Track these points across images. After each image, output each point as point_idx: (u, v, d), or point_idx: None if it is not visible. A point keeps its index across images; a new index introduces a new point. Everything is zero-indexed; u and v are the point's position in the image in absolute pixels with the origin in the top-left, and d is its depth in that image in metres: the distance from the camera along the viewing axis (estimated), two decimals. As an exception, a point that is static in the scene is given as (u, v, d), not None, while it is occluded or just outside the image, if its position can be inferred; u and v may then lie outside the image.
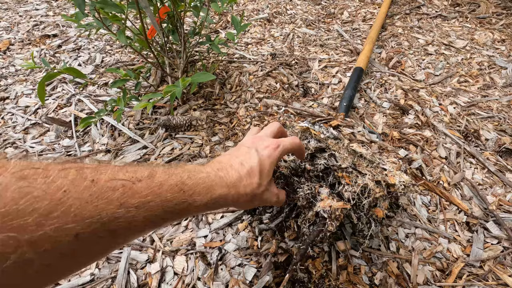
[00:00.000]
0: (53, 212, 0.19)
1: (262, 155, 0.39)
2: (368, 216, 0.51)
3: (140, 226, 0.25)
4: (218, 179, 0.33)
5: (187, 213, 0.30)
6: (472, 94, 1.15)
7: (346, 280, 0.64)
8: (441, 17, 1.67)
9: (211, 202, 0.32)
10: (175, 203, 0.28)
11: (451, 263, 0.67)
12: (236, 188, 0.35)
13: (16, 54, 1.33)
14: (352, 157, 0.54)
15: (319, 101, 1.10)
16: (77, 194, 0.20)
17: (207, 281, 0.64)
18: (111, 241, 0.24)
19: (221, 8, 0.91)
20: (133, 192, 0.24)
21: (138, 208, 0.24)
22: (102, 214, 0.21)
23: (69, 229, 0.19)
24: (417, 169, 0.83)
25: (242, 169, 0.36)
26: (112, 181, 0.23)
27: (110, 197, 0.22)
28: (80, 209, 0.20)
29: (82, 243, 0.21)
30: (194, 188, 0.30)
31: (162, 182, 0.27)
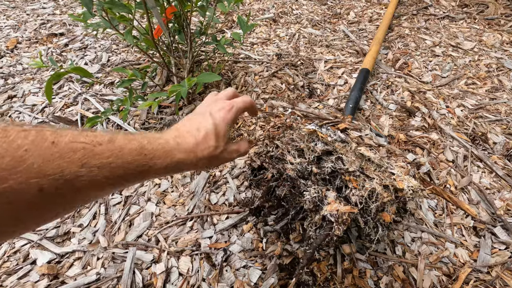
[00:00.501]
0: (16, 167, 0.20)
1: (217, 118, 0.40)
2: (375, 220, 0.51)
3: (102, 185, 0.27)
4: (176, 145, 0.35)
5: (148, 175, 0.32)
6: (480, 97, 1.14)
7: (351, 283, 0.64)
8: (448, 18, 1.66)
9: (170, 166, 0.34)
10: (136, 165, 0.29)
11: (458, 268, 0.66)
12: (194, 153, 0.37)
13: (23, 53, 1.34)
14: (360, 160, 0.54)
15: (324, 102, 1.09)
16: (38, 153, 0.22)
17: (212, 282, 0.64)
18: (75, 198, 0.25)
19: (227, 8, 0.91)
20: (94, 153, 0.25)
21: (100, 168, 0.25)
22: (64, 172, 0.23)
23: (33, 184, 0.21)
24: (425, 174, 0.82)
25: (199, 134, 0.38)
26: (72, 143, 0.24)
27: (71, 157, 0.24)
28: (43, 166, 0.22)
29: (46, 197, 0.22)
30: (153, 153, 0.31)
31: (122, 146, 0.28)
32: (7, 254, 0.68)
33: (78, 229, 0.74)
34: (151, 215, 0.76)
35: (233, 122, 0.43)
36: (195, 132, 0.38)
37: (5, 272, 0.65)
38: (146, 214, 0.76)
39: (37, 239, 0.70)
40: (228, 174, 0.85)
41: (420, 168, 0.77)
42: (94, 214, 0.77)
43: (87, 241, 0.71)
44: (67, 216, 0.75)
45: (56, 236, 0.72)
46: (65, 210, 0.26)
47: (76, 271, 0.66)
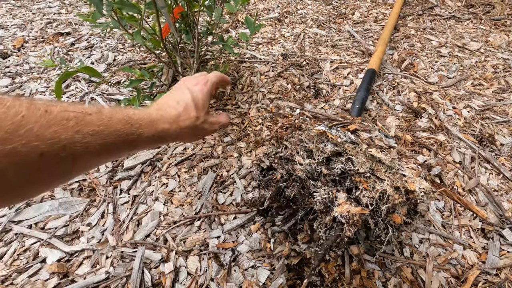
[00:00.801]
0: (17, 131, 0.22)
1: (194, 91, 0.44)
2: (385, 222, 0.51)
3: (98, 152, 0.28)
4: (159, 117, 0.38)
5: (137, 144, 0.34)
6: (486, 98, 1.13)
7: (360, 284, 0.64)
8: (454, 19, 1.65)
9: (157, 135, 0.37)
10: (125, 133, 0.31)
11: (467, 270, 0.66)
12: (177, 123, 0.40)
13: (30, 52, 1.35)
14: (370, 162, 0.54)
15: (330, 103, 1.09)
16: (35, 119, 0.23)
17: (220, 282, 0.64)
18: (72, 164, 0.27)
19: (235, 8, 0.91)
20: (86, 122, 0.27)
21: (93, 135, 0.27)
22: (61, 137, 0.25)
23: (35, 147, 0.23)
24: (435, 176, 0.82)
25: (179, 106, 0.41)
26: (64, 112, 0.26)
27: (65, 124, 0.25)
28: (41, 131, 0.23)
29: (46, 162, 0.24)
30: (139, 122, 0.34)
31: (110, 116, 0.30)
32: (17, 252, 0.69)
33: (86, 228, 0.74)
34: (159, 214, 0.77)
35: (210, 94, 0.46)
36: (176, 105, 0.41)
37: (15, 270, 0.66)
38: (154, 213, 0.76)
39: (46, 238, 0.71)
40: (235, 174, 0.85)
41: (431, 170, 0.76)
42: (102, 213, 0.77)
43: (96, 240, 0.72)
44: (76, 215, 0.76)
45: (65, 234, 0.73)
46: (63, 178, 0.28)
47: (86, 270, 0.66)
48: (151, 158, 0.89)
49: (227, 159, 0.89)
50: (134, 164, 0.87)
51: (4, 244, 0.70)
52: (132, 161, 0.88)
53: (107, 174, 0.85)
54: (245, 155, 0.90)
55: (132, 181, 0.83)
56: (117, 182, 0.84)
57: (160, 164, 0.88)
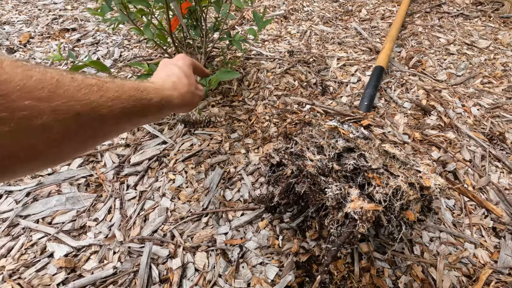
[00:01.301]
0: (56, 91, 0.24)
1: (179, 64, 0.49)
2: (398, 218, 0.50)
3: (118, 116, 0.31)
4: (160, 86, 0.41)
5: (149, 110, 0.37)
6: (496, 96, 1.12)
7: (369, 282, 0.63)
8: (462, 16, 1.63)
9: (163, 101, 0.40)
10: (138, 98, 0.34)
11: (478, 269, 0.65)
12: (177, 90, 0.44)
13: (36, 47, 1.34)
14: (384, 158, 0.53)
15: (338, 100, 1.08)
16: (67, 83, 0.25)
17: (228, 278, 0.64)
18: (100, 126, 0.29)
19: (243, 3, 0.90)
20: (106, 88, 0.29)
21: (114, 100, 0.30)
22: (91, 99, 0.27)
23: (72, 106, 0.25)
24: (449, 172, 0.80)
25: (172, 77, 0.45)
26: (87, 79, 0.28)
27: (91, 89, 0.28)
28: (75, 93, 0.26)
29: (82, 121, 0.26)
30: (147, 89, 0.37)
31: (122, 84, 0.33)
32: (25, 246, 0.69)
33: (93, 223, 0.74)
34: (166, 210, 0.76)
35: (191, 66, 0.51)
36: (168, 78, 0.45)
37: (23, 264, 0.65)
38: (161, 209, 0.76)
39: (53, 232, 0.71)
40: (242, 170, 0.84)
41: (446, 166, 0.75)
42: (109, 208, 0.77)
43: (103, 235, 0.72)
44: (83, 210, 0.76)
45: (72, 229, 0.72)
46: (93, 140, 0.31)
47: (93, 265, 0.66)
48: (157, 154, 0.88)
49: (235, 156, 0.89)
50: (141, 160, 0.87)
51: (12, 239, 0.70)
52: (138, 157, 0.87)
53: (114, 169, 0.85)
54: (253, 151, 0.90)
55: (139, 176, 0.83)
56: (124, 178, 0.83)
57: (167, 160, 0.87)
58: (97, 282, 0.63)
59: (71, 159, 0.75)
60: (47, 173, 0.83)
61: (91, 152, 0.89)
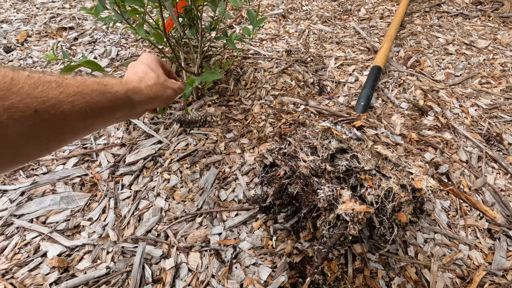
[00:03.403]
0: (11, 89, 0.24)
1: (143, 61, 0.50)
2: (390, 220, 0.50)
3: (81, 112, 0.31)
4: (126, 79, 0.42)
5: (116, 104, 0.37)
6: (494, 96, 1.11)
7: (362, 283, 0.63)
8: (462, 16, 1.62)
9: (130, 92, 0.40)
10: (101, 92, 0.34)
11: (472, 271, 0.65)
12: (143, 82, 0.44)
13: (33, 46, 1.34)
14: (376, 159, 0.52)
15: (335, 100, 1.08)
16: (23, 80, 0.25)
17: (221, 279, 0.64)
18: (63, 123, 0.29)
19: (239, 2, 0.90)
20: (66, 84, 0.29)
21: (74, 95, 0.30)
22: (49, 96, 0.27)
23: (29, 103, 0.25)
24: (442, 174, 0.80)
25: (138, 73, 0.46)
26: (44, 76, 0.28)
27: (49, 86, 0.27)
28: (31, 91, 0.25)
29: (41, 119, 0.26)
30: (111, 83, 0.37)
31: (84, 79, 0.33)
32: (18, 246, 0.69)
33: (87, 222, 0.74)
34: (160, 210, 0.76)
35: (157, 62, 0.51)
36: (135, 74, 0.46)
37: (16, 263, 0.65)
38: (155, 209, 0.76)
39: (47, 232, 0.71)
40: (237, 170, 0.84)
41: (438, 168, 0.75)
42: (103, 208, 0.77)
43: (97, 234, 0.72)
44: (77, 210, 0.76)
45: (66, 229, 0.72)
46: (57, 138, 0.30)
47: (86, 265, 0.66)
48: (153, 153, 0.88)
49: (230, 156, 0.88)
50: (136, 159, 0.86)
51: (5, 238, 0.70)
52: (133, 156, 0.87)
53: (109, 169, 0.84)
54: (248, 151, 0.89)
55: (133, 176, 0.83)
56: (118, 177, 0.83)
57: (162, 160, 0.87)
58: (90, 282, 0.63)
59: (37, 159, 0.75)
60: (42, 173, 0.83)
61: (87, 151, 0.88)
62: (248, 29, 0.97)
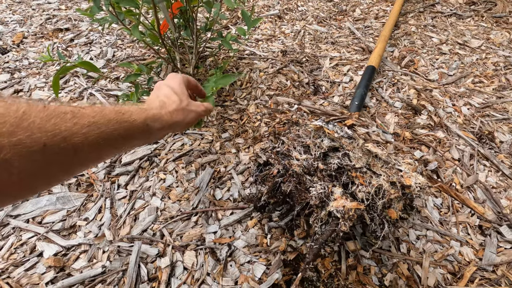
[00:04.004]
0: (20, 124, 0.23)
1: (169, 83, 0.48)
2: (381, 217, 0.51)
3: (95, 143, 0.30)
4: (146, 106, 0.41)
5: (133, 133, 0.36)
6: (487, 95, 1.12)
7: (356, 280, 0.64)
8: (456, 16, 1.64)
9: (149, 120, 0.38)
10: (118, 121, 0.33)
11: (463, 267, 0.66)
12: (165, 108, 0.43)
13: (29, 47, 1.34)
14: (367, 157, 0.53)
15: (329, 100, 1.09)
16: (35, 113, 0.25)
17: (216, 276, 0.64)
18: (74, 156, 0.28)
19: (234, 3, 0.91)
20: (81, 114, 0.29)
21: (89, 126, 0.29)
22: (61, 129, 0.26)
23: (38, 138, 0.24)
24: (432, 171, 0.81)
25: (161, 98, 0.45)
26: (60, 107, 0.27)
27: (63, 117, 0.27)
28: (42, 124, 0.25)
29: (50, 153, 0.25)
30: (129, 111, 0.35)
31: (102, 108, 0.32)
32: (14, 246, 0.69)
33: (84, 222, 0.74)
34: (156, 209, 0.77)
35: (183, 83, 0.50)
36: (157, 98, 0.45)
37: (12, 263, 0.66)
38: (151, 208, 0.76)
39: (43, 232, 0.71)
40: (233, 170, 0.85)
41: (427, 165, 0.76)
42: (99, 208, 0.77)
43: (93, 234, 0.72)
44: (73, 210, 0.76)
45: (62, 229, 0.73)
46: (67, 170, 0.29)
47: (82, 264, 0.66)
48: (148, 153, 0.89)
49: (225, 155, 0.89)
50: (131, 160, 0.87)
51: (2, 238, 0.70)
52: (129, 157, 0.88)
53: (105, 169, 0.85)
54: (243, 151, 0.90)
55: (129, 176, 0.83)
56: (114, 177, 0.84)
57: (158, 160, 0.88)
58: (86, 281, 0.64)
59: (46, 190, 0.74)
60: (38, 173, 0.84)
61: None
62: (243, 30, 0.98)
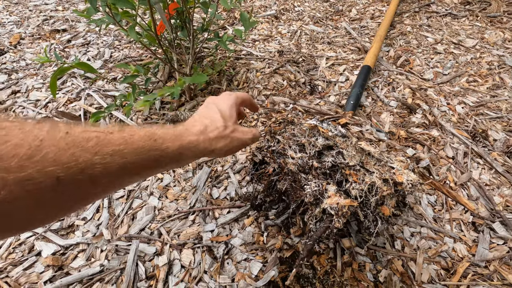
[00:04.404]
0: (33, 157, 0.21)
1: (219, 103, 0.44)
2: (374, 214, 0.52)
3: (116, 173, 0.27)
4: (185, 131, 0.36)
5: (162, 161, 0.32)
6: (481, 94, 1.14)
7: (351, 276, 0.65)
8: (451, 16, 1.65)
9: (182, 148, 0.34)
10: (148, 149, 0.30)
11: (456, 263, 0.67)
12: (204, 134, 0.38)
13: (26, 49, 1.35)
14: (360, 155, 0.54)
15: (326, 99, 1.10)
16: (53, 143, 0.22)
17: (213, 274, 0.65)
18: (91, 187, 0.26)
19: (230, 4, 0.92)
20: (107, 141, 0.26)
21: (112, 155, 0.26)
22: (79, 160, 0.23)
23: (50, 172, 0.22)
24: (424, 168, 0.83)
25: (205, 120, 0.40)
26: (85, 132, 0.25)
27: (85, 146, 0.24)
28: (58, 155, 0.22)
29: (64, 186, 0.23)
30: (164, 137, 0.32)
31: (132, 133, 0.29)
32: (13, 245, 0.70)
33: (81, 222, 0.75)
34: (154, 208, 0.77)
35: (235, 105, 0.45)
36: (202, 119, 0.40)
37: (11, 263, 0.66)
38: (148, 207, 0.77)
39: (41, 231, 0.72)
40: (229, 169, 0.86)
41: (419, 163, 0.77)
42: (97, 207, 0.78)
43: (91, 233, 0.73)
44: (71, 209, 0.77)
45: (60, 228, 0.73)
46: (82, 201, 0.27)
47: (80, 263, 0.67)
48: (146, 153, 0.89)
49: (222, 155, 0.90)
50: (129, 159, 0.88)
51: (0, 238, 0.71)
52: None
53: (103, 169, 0.85)
54: (240, 150, 0.91)
55: (127, 176, 0.84)
56: (112, 177, 0.84)
57: (155, 159, 0.88)
58: (84, 279, 0.64)
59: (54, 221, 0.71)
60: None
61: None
62: (240, 31, 0.99)
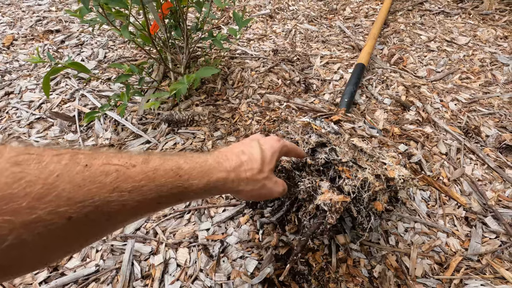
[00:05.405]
0: (45, 196, 0.20)
1: (263, 144, 0.40)
2: (367, 209, 0.52)
3: (134, 210, 0.26)
4: (216, 164, 0.33)
5: (183, 197, 0.31)
6: (473, 91, 1.15)
7: (346, 272, 0.65)
8: (444, 14, 1.67)
9: (208, 186, 0.32)
10: (170, 187, 0.28)
11: (449, 257, 0.68)
12: (236, 172, 0.35)
13: (19, 49, 1.34)
14: (353, 151, 0.55)
15: (320, 97, 1.11)
16: (69, 178, 0.21)
17: (209, 272, 0.65)
18: (106, 224, 0.24)
19: (223, 3, 0.92)
20: (127, 176, 0.24)
21: (131, 192, 0.24)
22: (95, 198, 0.22)
23: (62, 212, 0.20)
24: (416, 164, 0.83)
25: (243, 156, 0.37)
26: (105, 166, 0.24)
27: (103, 181, 0.23)
28: (73, 193, 0.21)
29: (75, 226, 0.21)
30: (190, 172, 0.30)
31: (156, 167, 0.27)
32: (7, 247, 0.69)
33: (77, 222, 0.74)
34: (149, 208, 0.77)
35: (280, 153, 0.42)
36: (240, 154, 0.37)
37: (5, 264, 0.66)
38: (144, 207, 0.77)
39: (36, 233, 0.71)
40: (225, 168, 0.86)
41: (411, 158, 0.78)
42: (92, 208, 0.78)
43: (86, 234, 0.72)
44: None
45: (55, 229, 0.73)
46: (95, 238, 0.26)
47: (76, 263, 0.67)
48: (141, 153, 0.89)
49: (217, 153, 0.90)
50: (124, 159, 0.87)
51: (-6, 240, 0.70)
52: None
53: (98, 169, 0.85)
54: (235, 149, 0.91)
55: (122, 176, 0.84)
56: (107, 177, 0.84)
57: (151, 159, 0.88)
58: (79, 279, 0.64)
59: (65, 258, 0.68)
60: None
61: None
62: (234, 30, 0.99)
